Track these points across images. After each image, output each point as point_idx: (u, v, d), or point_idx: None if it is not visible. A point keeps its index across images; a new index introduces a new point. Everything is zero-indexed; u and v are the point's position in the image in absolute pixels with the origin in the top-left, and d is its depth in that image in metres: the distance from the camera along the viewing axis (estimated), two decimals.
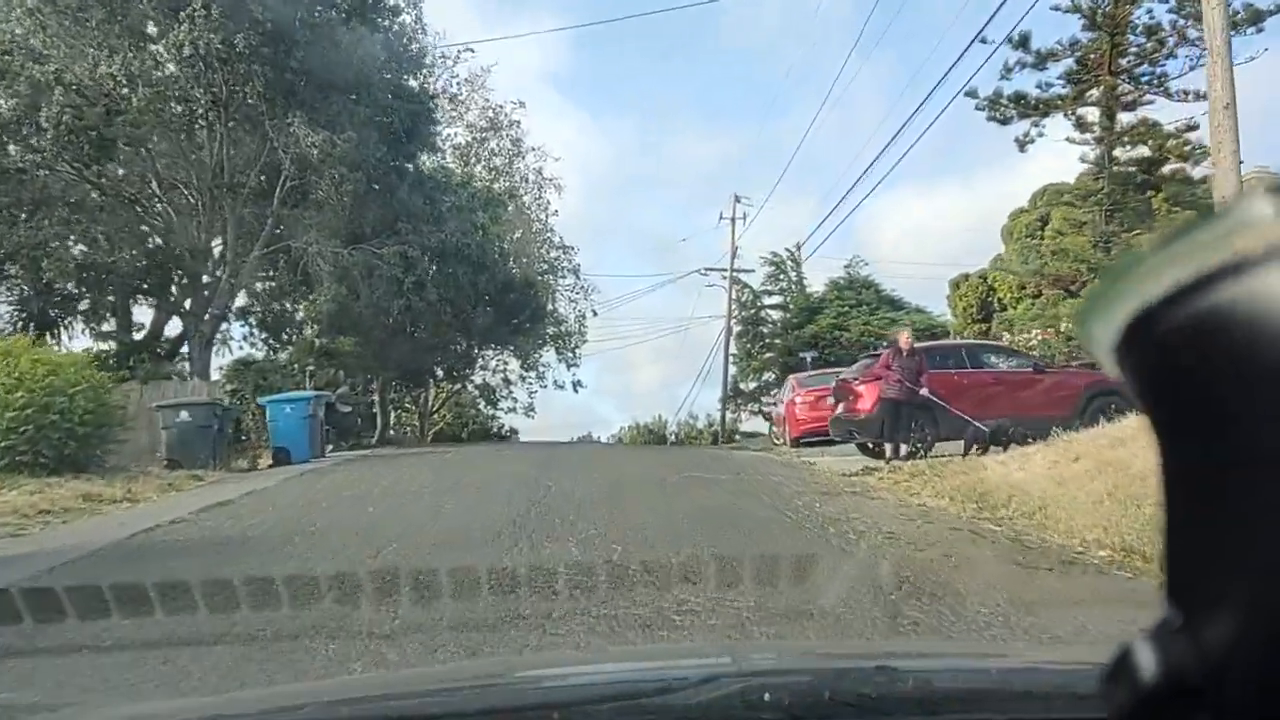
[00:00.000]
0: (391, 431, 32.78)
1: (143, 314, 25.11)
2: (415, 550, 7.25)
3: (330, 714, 1.37)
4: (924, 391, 14.19)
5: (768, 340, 58.99)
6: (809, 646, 3.43)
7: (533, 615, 5.25)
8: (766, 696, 1.17)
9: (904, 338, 15.23)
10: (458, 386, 41.29)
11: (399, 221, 20.55)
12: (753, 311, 58.55)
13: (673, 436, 66.57)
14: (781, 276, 57.48)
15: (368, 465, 15.79)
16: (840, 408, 16.45)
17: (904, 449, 14.22)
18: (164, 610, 5.06)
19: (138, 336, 24.24)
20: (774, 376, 58.63)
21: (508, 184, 32.33)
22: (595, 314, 37.99)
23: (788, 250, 55.51)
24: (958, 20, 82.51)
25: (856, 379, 16.59)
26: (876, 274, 44.76)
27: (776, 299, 59.03)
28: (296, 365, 20.83)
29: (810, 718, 1.17)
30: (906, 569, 6.46)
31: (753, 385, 59.43)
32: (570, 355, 40.77)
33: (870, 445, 15.77)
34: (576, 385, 41.74)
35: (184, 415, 15.63)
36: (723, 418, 44.70)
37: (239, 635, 4.92)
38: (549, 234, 37.09)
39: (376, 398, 29.21)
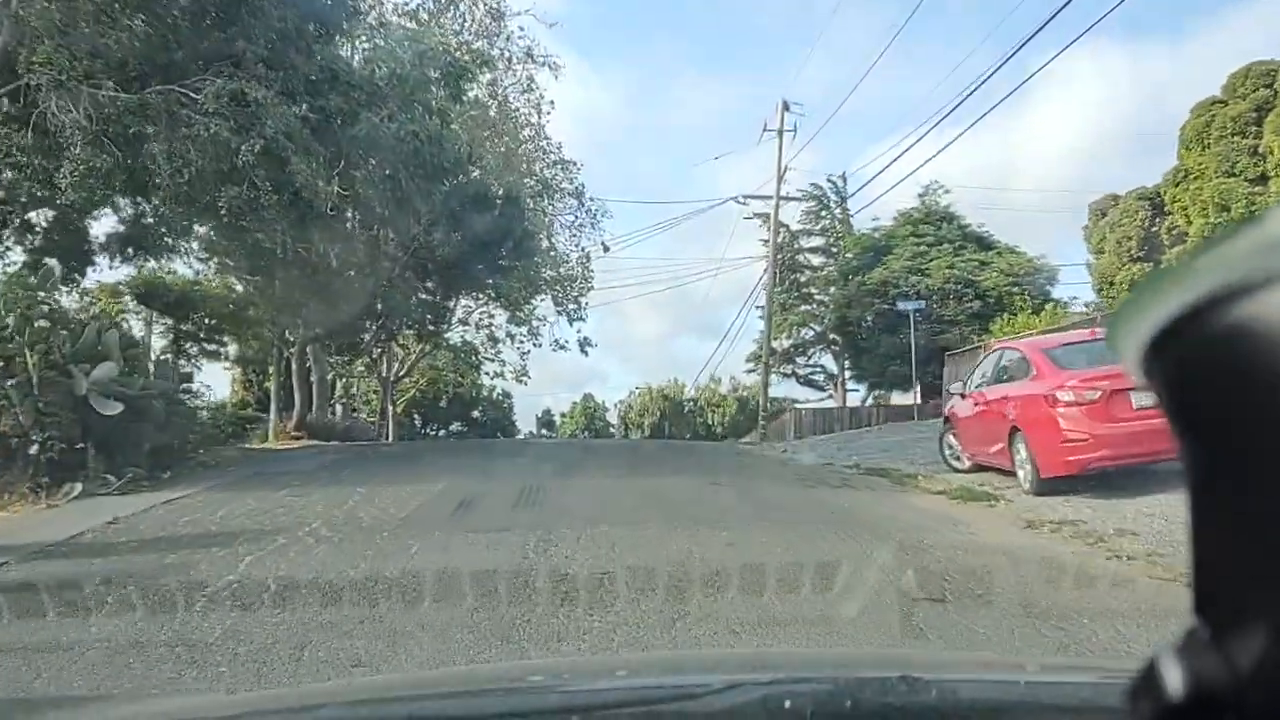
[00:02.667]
0: (334, 412, 24.08)
1: None
2: None
3: (349, 714, 1.39)
4: None
5: (803, 290, 50.18)
6: (832, 655, 3.00)
7: None
8: (788, 704, 1.16)
9: None
10: (427, 347, 32.45)
11: (241, 42, 11.39)
12: (788, 256, 49.84)
13: (690, 403, 58.14)
14: (824, 214, 48.61)
15: None
16: None
17: None
18: None
19: None
20: (814, 333, 49.97)
21: (483, 55, 23.03)
22: (606, 249, 28.90)
23: (830, 181, 46.38)
24: None
25: None
26: (958, 206, 35.72)
27: (816, 240, 50.25)
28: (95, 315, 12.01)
29: None
30: None
31: (787, 343, 50.74)
32: (573, 305, 31.86)
33: None
34: (584, 344, 32.88)
35: None
36: (765, 387, 35.80)
37: None
38: (544, 142, 27.84)
39: (293, 366, 20.36)
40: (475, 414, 61.25)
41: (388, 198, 17.19)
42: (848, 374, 48.33)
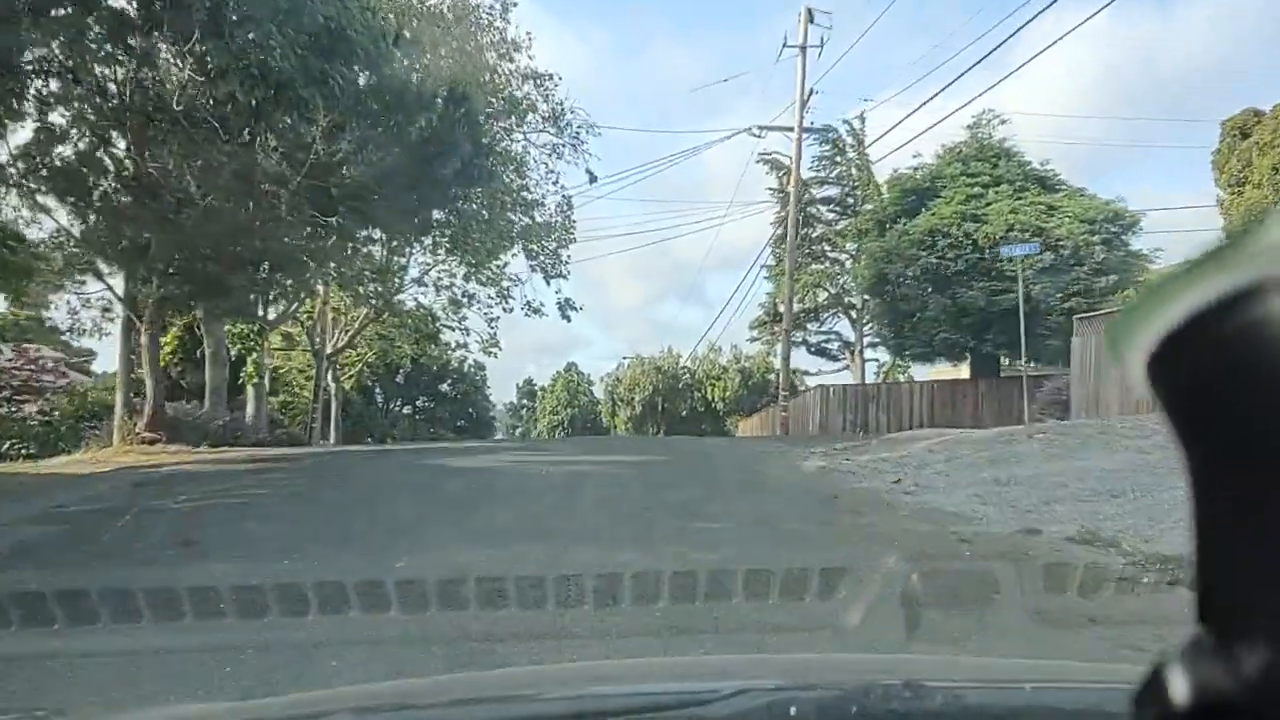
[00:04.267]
0: (224, 421, 17.96)
1: None
2: None
3: None
4: None
5: (815, 247, 44.30)
6: (838, 661, 2.59)
7: None
8: (794, 710, 1.16)
9: None
10: (368, 312, 26.42)
11: None
12: (798, 209, 43.89)
13: (688, 374, 52.27)
14: (838, 160, 42.61)
15: None
16: None
17: None
18: None
19: None
20: (828, 296, 44.16)
21: None
22: (593, 178, 22.70)
23: (846, 124, 40.19)
24: None
25: None
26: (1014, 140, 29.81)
27: (830, 191, 44.30)
28: None
29: None
30: None
31: (798, 308, 44.93)
32: (550, 260, 25.87)
33: None
34: (566, 308, 26.87)
35: None
36: (785, 360, 29.88)
37: None
38: (505, 50, 21.46)
39: (142, 337, 14.37)
40: (444, 388, 55.19)
41: (257, 82, 11.19)
42: (870, 341, 42.72)
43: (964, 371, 30.23)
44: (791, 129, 29.07)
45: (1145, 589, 4.99)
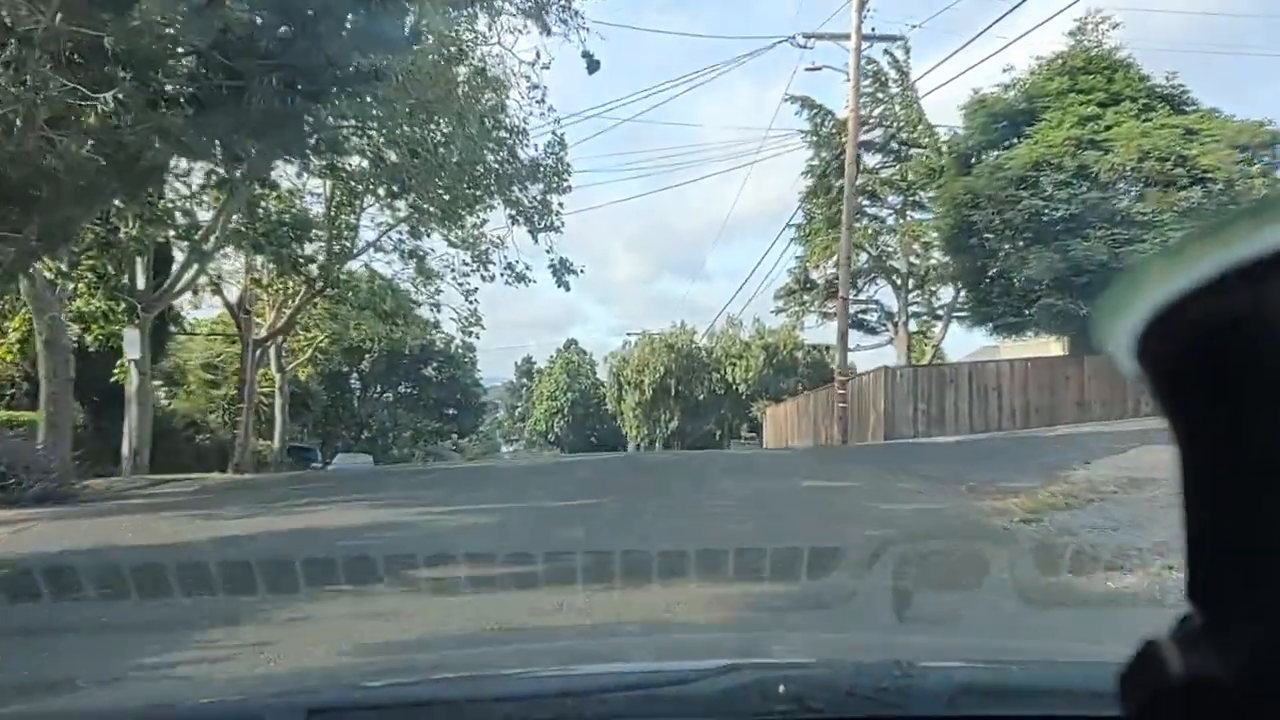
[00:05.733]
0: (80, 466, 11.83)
1: None
2: None
3: (346, 697, 1.39)
4: None
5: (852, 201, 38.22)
6: (827, 640, 2.84)
7: None
8: (782, 688, 1.16)
9: None
10: (306, 286, 20.49)
11: None
12: (832, 156, 37.97)
13: (705, 353, 46.11)
14: (880, 95, 36.46)
15: None
16: None
17: None
18: None
19: None
20: (868, 258, 38.19)
21: None
22: (593, 66, 16.33)
23: (887, 54, 33.90)
24: None
25: None
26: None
27: (871, 136, 38.22)
28: None
29: (826, 710, 1.15)
30: None
31: (831, 274, 38.94)
32: (538, 210, 19.87)
33: None
34: (562, 271, 20.79)
35: None
36: (843, 337, 23.67)
37: None
38: None
39: None
40: (429, 371, 49.13)
41: None
42: (914, 312, 36.85)
43: (1054, 348, 24.36)
44: (845, 36, 22.76)
45: None
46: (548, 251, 20.10)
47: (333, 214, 21.41)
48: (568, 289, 20.90)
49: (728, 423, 41.61)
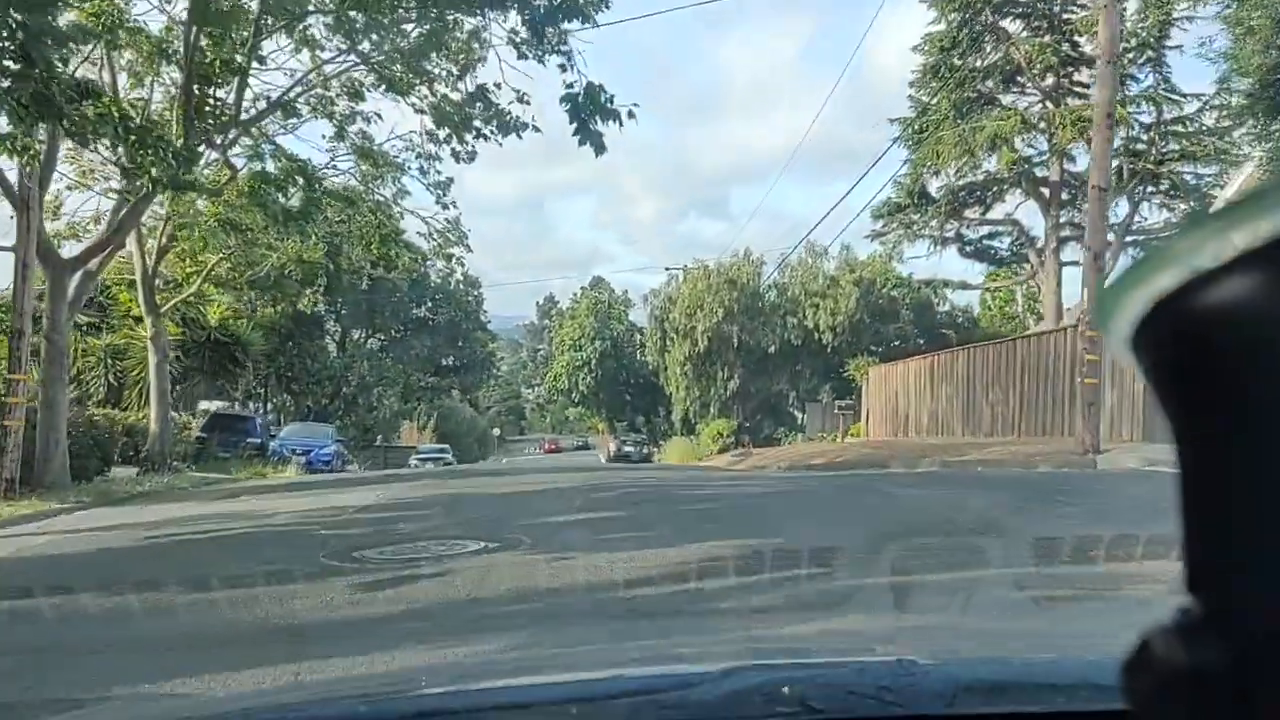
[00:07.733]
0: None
1: None
2: None
3: (345, 710, 1.37)
4: None
5: (983, 85, 28.65)
6: (829, 641, 2.77)
7: None
8: (786, 690, 1.16)
9: None
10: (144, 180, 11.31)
11: None
12: (961, 21, 28.71)
13: (775, 292, 36.50)
14: None
15: None
16: None
17: None
18: None
19: None
20: (1005, 166, 28.58)
21: None
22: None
23: None
24: None
25: None
26: None
27: None
28: None
29: (830, 711, 1.15)
30: None
31: (958, 181, 29.24)
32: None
33: None
34: (592, 112, 11.37)
35: None
36: (1094, 286, 14.02)
37: None
38: None
39: None
40: (422, 312, 40.04)
41: None
42: (1065, 236, 27.40)
43: None
44: None
45: None
46: (569, 86, 10.79)
47: (193, 43, 12.20)
48: (600, 148, 11.59)
49: (803, 384, 32.37)
